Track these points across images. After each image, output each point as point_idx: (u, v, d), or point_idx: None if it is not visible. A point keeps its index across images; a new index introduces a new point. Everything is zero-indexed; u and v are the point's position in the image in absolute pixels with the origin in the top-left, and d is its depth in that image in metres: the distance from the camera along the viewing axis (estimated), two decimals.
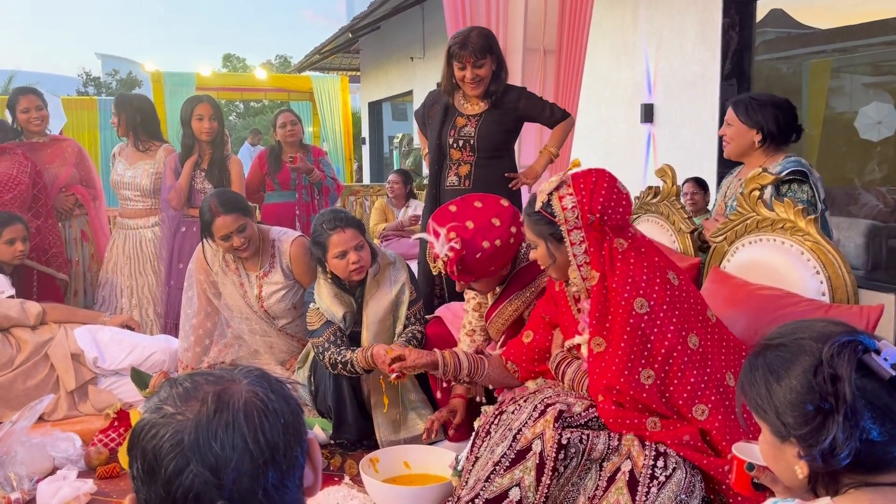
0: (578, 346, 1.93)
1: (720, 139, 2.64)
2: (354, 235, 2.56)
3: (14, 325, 2.99)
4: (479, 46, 2.86)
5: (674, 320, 1.70)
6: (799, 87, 6.37)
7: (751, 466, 1.28)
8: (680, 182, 4.82)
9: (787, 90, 5.96)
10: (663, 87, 5.65)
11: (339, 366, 2.58)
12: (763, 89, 5.18)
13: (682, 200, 4.82)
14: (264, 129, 16.91)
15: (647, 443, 1.66)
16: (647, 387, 1.67)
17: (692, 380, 1.65)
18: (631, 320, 1.70)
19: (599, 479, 1.68)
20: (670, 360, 1.67)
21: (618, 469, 1.65)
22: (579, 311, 1.92)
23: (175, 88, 9.24)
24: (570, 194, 1.80)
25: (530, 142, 3.75)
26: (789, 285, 2.10)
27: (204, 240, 2.95)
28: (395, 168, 10.25)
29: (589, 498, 1.68)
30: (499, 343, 2.37)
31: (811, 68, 6.23)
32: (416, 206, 5.59)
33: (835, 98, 6.00)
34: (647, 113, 5.75)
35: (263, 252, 2.98)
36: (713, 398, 1.65)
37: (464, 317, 2.56)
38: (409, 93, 10.99)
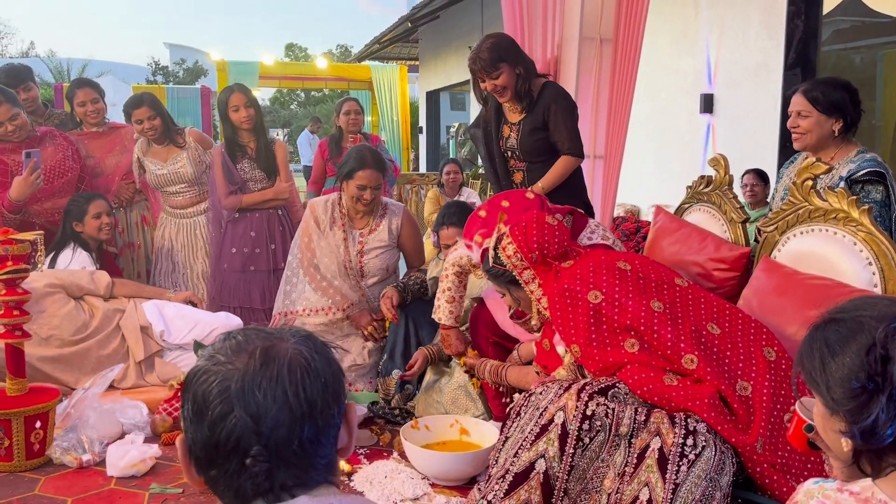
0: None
1: (783, 130, 2.52)
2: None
3: (86, 294, 3.19)
4: (489, 60, 2.86)
5: (630, 296, 1.89)
6: (872, 78, 6.14)
7: (810, 428, 1.26)
8: (740, 173, 4.74)
9: (859, 81, 5.75)
10: (724, 76, 5.53)
11: None
12: None
13: (741, 192, 4.75)
14: (324, 118, 17.13)
15: (677, 420, 1.69)
16: (635, 354, 1.80)
17: (668, 335, 1.81)
18: (591, 311, 1.88)
19: (629, 456, 1.71)
20: (641, 327, 1.83)
21: (647, 446, 1.69)
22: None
23: (239, 77, 9.47)
24: (510, 243, 2.06)
25: (584, 117, 3.61)
26: (840, 275, 2.07)
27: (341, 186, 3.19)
28: (451, 157, 10.28)
29: (619, 474, 1.71)
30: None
31: (886, 58, 6.00)
32: (469, 195, 5.64)
33: None
34: (707, 103, 5.64)
35: (374, 212, 3.24)
36: (696, 350, 1.79)
37: (443, 281, 2.59)
38: (467, 82, 10.92)
